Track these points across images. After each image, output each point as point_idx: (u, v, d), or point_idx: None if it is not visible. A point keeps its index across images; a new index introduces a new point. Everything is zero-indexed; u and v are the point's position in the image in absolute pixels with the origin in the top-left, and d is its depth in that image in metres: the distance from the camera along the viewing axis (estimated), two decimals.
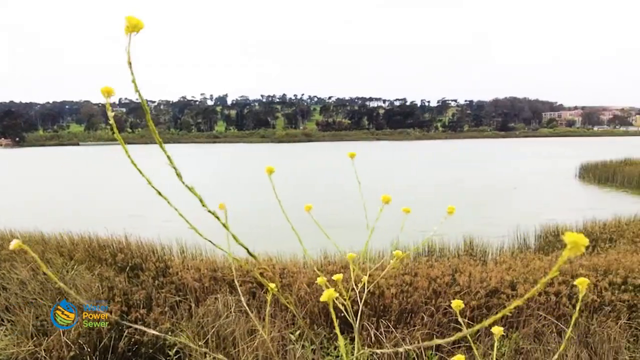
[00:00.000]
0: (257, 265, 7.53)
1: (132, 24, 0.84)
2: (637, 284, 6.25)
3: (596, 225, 12.04)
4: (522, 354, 5.30)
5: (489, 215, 18.25)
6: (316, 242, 2.12)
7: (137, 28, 0.84)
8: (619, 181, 27.38)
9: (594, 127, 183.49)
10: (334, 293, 0.99)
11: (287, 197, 2.11)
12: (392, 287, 6.17)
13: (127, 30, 0.84)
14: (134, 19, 0.85)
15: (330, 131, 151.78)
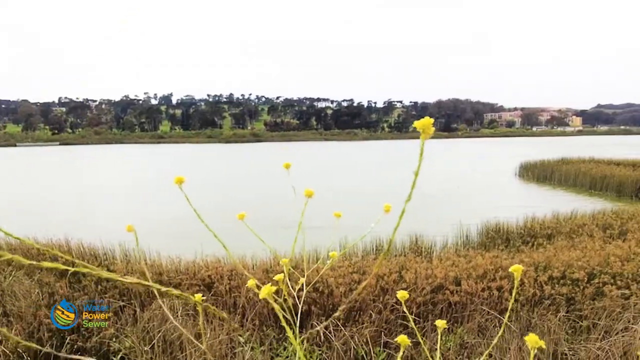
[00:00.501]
0: (205, 267, 7.46)
1: None
2: (574, 278, 6.55)
3: (535, 222, 12.52)
4: (467, 348, 5.46)
5: (434, 213, 18.67)
6: (269, 242, 2.11)
7: None
8: (556, 179, 28.62)
9: (533, 128, 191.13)
10: (272, 288, 1.00)
11: (235, 199, 2.11)
12: (341, 285, 6.23)
13: None
14: None
15: (279, 131, 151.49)
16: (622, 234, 10.36)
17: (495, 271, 6.69)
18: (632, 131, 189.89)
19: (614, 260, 7.08)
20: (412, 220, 15.62)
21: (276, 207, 18.99)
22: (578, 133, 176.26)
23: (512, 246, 10.34)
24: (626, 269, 6.78)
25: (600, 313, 5.91)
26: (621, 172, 24.33)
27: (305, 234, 2.07)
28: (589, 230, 10.87)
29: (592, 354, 5.19)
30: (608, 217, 12.28)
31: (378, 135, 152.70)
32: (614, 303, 6.00)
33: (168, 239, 12.69)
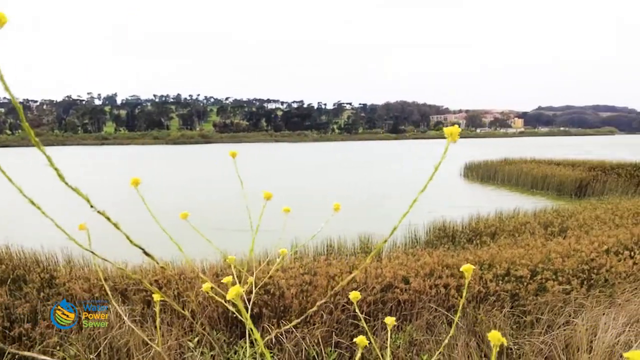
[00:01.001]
0: (152, 271, 7.28)
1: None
2: (518, 275, 6.77)
3: (480, 220, 12.89)
4: (415, 345, 5.54)
5: (382, 213, 18.92)
6: (219, 246, 2.08)
7: (1, 23, 0.75)
8: (499, 179, 29.54)
9: (477, 129, 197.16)
10: (239, 289, 0.98)
11: (183, 201, 2.07)
12: (293, 287, 6.21)
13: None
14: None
15: (228, 132, 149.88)
16: (562, 231, 10.81)
17: (442, 269, 6.83)
18: (571, 132, 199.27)
19: (555, 256, 7.36)
20: (361, 221, 15.82)
21: (226, 210, 18.78)
22: (520, 134, 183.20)
23: (457, 244, 10.59)
24: (567, 265, 7.07)
25: (543, 308, 6.13)
26: (561, 172, 25.36)
27: (257, 236, 2.05)
28: (531, 228, 11.27)
29: (535, 347, 5.37)
30: (549, 215, 12.78)
31: (328, 137, 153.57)
32: (555, 298, 6.24)
33: (114, 243, 12.32)
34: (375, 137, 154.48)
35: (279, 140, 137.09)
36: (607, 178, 23.55)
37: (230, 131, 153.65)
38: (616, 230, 9.72)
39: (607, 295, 6.44)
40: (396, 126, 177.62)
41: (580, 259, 7.37)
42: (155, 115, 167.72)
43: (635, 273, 7.05)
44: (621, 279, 6.86)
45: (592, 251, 7.73)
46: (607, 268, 7.07)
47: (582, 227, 10.85)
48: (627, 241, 8.58)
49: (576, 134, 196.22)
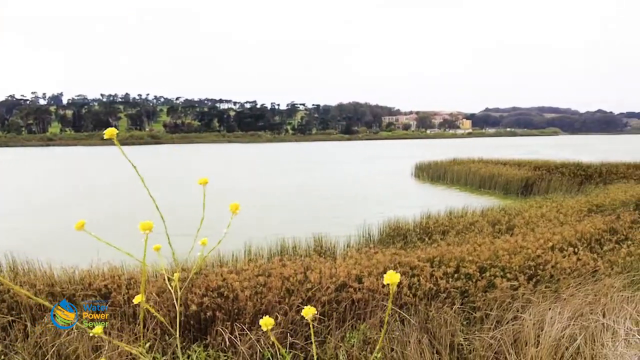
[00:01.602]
0: (101, 276, 7.06)
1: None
2: (467, 272, 6.94)
3: (430, 219, 13.14)
4: (369, 343, 5.59)
5: (337, 213, 19.04)
6: (169, 249, 2.04)
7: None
8: (449, 179, 30.23)
9: (427, 130, 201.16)
10: (142, 298, 0.95)
11: (134, 204, 2.01)
12: (247, 289, 6.15)
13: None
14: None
15: (179, 133, 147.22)
16: (509, 229, 11.14)
17: (395, 267, 6.92)
18: (517, 133, 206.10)
19: (503, 254, 7.58)
20: (317, 221, 15.86)
21: (178, 213, 18.43)
22: (468, 135, 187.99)
23: (409, 243, 10.75)
24: (514, 261, 7.29)
25: (492, 304, 6.30)
26: (508, 172, 26.15)
27: (206, 238, 2.01)
28: (479, 226, 11.57)
29: (485, 343, 5.51)
30: (496, 213, 13.15)
31: (282, 138, 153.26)
32: (504, 294, 6.42)
33: (61, 248, 11.91)
34: (328, 137, 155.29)
35: (232, 141, 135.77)
36: (551, 177, 24.46)
37: (181, 132, 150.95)
38: (561, 228, 10.10)
39: (553, 290, 6.68)
40: (349, 127, 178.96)
41: (527, 255, 7.62)
42: (102, 116, 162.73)
43: (579, 269, 7.35)
44: (566, 275, 7.13)
45: (538, 248, 8.00)
46: (553, 264, 7.34)
47: (528, 224, 11.22)
48: (572, 238, 8.94)
49: (522, 134, 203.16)
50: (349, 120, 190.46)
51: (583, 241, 8.96)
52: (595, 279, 7.07)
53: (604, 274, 7.23)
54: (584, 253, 7.98)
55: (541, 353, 5.03)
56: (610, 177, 23.88)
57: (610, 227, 10.08)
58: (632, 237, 9.33)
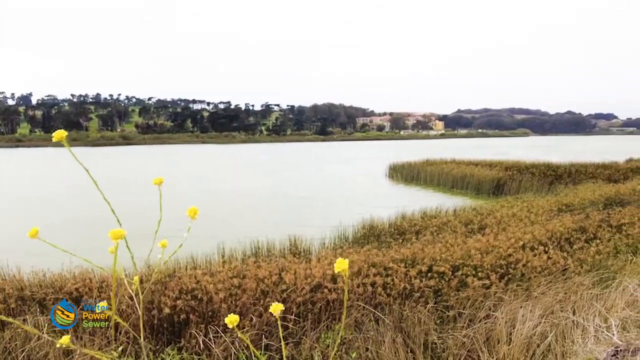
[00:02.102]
0: (72, 279, 6.92)
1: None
2: (440, 271, 7.01)
3: (405, 219, 13.26)
4: (344, 343, 5.60)
5: (311, 214, 19.05)
6: (140, 252, 2.01)
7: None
8: (422, 179, 30.54)
9: (401, 131, 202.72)
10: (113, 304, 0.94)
11: (105, 206, 1.98)
12: (221, 291, 6.11)
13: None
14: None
15: (152, 134, 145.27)
16: (481, 228, 11.29)
17: (369, 267, 6.95)
18: (489, 134, 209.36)
19: (475, 253, 7.69)
20: (293, 223, 15.82)
21: (150, 216, 18.21)
22: (441, 136, 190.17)
23: (383, 243, 10.81)
24: (486, 261, 7.39)
25: (464, 303, 6.38)
26: (480, 172, 26.54)
27: (177, 241, 1.98)
28: (452, 226, 11.71)
29: (458, 341, 5.57)
30: (469, 213, 13.34)
31: (257, 139, 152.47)
32: (476, 293, 6.51)
33: (31, 251, 11.65)
34: (303, 138, 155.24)
35: (205, 142, 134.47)
36: (522, 177, 24.91)
37: (153, 132, 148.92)
38: (531, 227, 10.28)
39: (524, 288, 6.79)
40: (324, 128, 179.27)
41: (499, 254, 7.73)
42: (73, 116, 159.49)
43: (550, 267, 7.49)
44: (537, 273, 7.26)
45: (509, 247, 8.13)
46: (524, 263, 7.46)
47: (500, 224, 11.39)
48: (542, 237, 9.11)
49: (493, 135, 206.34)
50: (324, 121, 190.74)
51: (553, 240, 9.14)
52: (565, 277, 7.22)
53: (573, 272, 7.39)
54: (554, 252, 8.14)
55: (513, 351, 5.11)
56: (579, 177, 24.45)
57: (580, 226, 10.30)
58: (601, 236, 9.55)
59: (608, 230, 9.91)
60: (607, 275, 7.23)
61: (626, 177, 23.02)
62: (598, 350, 3.84)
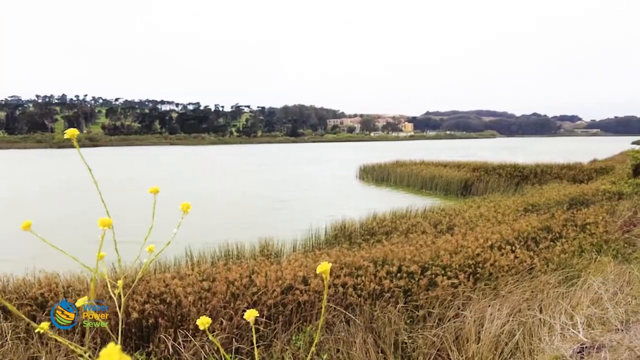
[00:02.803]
0: (37, 284, 6.74)
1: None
2: (409, 271, 7.06)
3: (375, 220, 13.32)
4: (316, 345, 5.59)
5: (283, 217, 18.98)
6: (107, 256, 1.96)
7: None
8: (392, 181, 30.76)
9: (371, 133, 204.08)
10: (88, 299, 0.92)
11: (69, 210, 1.93)
12: (190, 294, 6.03)
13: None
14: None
15: (119, 135, 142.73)
16: (450, 228, 11.44)
17: (340, 268, 6.96)
18: (457, 135, 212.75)
19: (444, 253, 7.78)
20: (261, 225, 15.72)
21: (117, 219, 17.85)
22: (410, 138, 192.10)
23: (354, 244, 10.85)
24: (454, 260, 7.49)
25: (434, 302, 6.44)
26: (448, 173, 26.87)
27: (143, 245, 1.94)
28: (421, 226, 11.82)
29: (428, 340, 5.62)
30: (437, 214, 13.48)
31: (226, 140, 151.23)
32: (445, 292, 6.58)
33: None
34: (274, 140, 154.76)
35: (174, 143, 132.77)
36: (489, 178, 25.34)
37: (121, 134, 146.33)
38: (499, 227, 10.46)
39: (492, 288, 6.90)
40: (295, 129, 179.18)
41: (467, 254, 7.84)
42: (38, 117, 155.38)
43: (517, 266, 7.63)
44: (504, 272, 7.39)
45: (477, 247, 8.26)
46: (491, 262, 7.59)
47: (468, 224, 11.56)
48: (509, 236, 9.27)
49: (461, 137, 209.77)
50: (295, 122, 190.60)
51: (520, 239, 9.31)
52: (532, 276, 7.36)
53: (540, 271, 7.54)
54: (521, 251, 8.30)
55: (482, 349, 5.18)
56: (545, 177, 25.03)
57: (545, 225, 10.52)
58: (566, 235, 9.77)
59: (573, 230, 10.15)
60: (572, 274, 7.39)
61: (590, 178, 23.65)
62: (564, 348, 3.92)
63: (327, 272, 1.18)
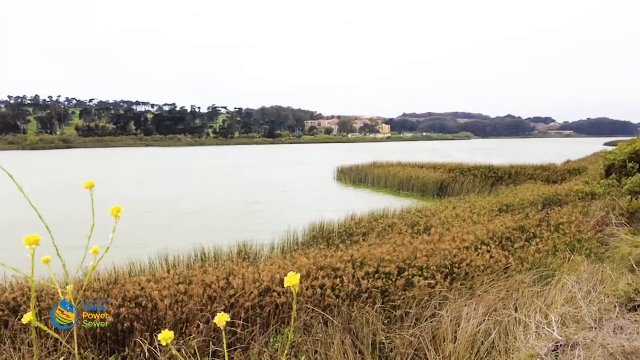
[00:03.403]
0: (9, 289, 6.58)
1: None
2: (387, 272, 7.09)
3: (353, 221, 13.36)
4: (294, 347, 5.58)
5: (261, 219, 18.90)
6: (76, 260, 1.93)
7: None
8: (370, 182, 30.93)
9: (349, 135, 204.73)
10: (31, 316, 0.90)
11: (38, 214, 1.88)
12: (166, 298, 5.96)
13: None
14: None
15: (93, 137, 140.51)
16: (427, 229, 11.52)
17: (318, 270, 6.96)
18: (433, 137, 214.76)
19: (421, 254, 7.83)
20: (239, 228, 15.63)
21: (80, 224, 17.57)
22: (387, 139, 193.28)
23: (332, 245, 10.86)
24: (431, 261, 7.54)
25: (411, 302, 6.48)
26: (424, 174, 27.10)
27: (115, 250, 1.91)
28: (398, 227, 11.89)
29: (406, 340, 5.65)
30: (415, 215, 13.57)
31: (203, 141, 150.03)
32: (422, 292, 6.62)
33: None
34: (251, 141, 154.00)
35: (150, 145, 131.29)
36: (465, 179, 25.63)
37: (95, 135, 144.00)
38: (474, 227, 10.57)
39: (468, 287, 6.97)
40: (272, 131, 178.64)
41: (444, 255, 7.91)
42: (10, 119, 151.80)
43: (492, 266, 7.72)
44: (480, 272, 7.47)
45: (453, 248, 8.33)
46: (468, 262, 7.66)
47: (444, 225, 11.65)
48: (484, 237, 9.38)
49: (437, 138, 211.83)
50: (272, 124, 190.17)
51: (495, 240, 9.42)
52: (507, 275, 7.45)
53: (515, 271, 7.64)
54: (497, 251, 8.39)
55: (459, 349, 5.23)
56: (519, 178, 25.43)
57: (520, 225, 10.67)
58: (540, 235, 9.91)
59: (547, 230, 10.30)
60: (547, 273, 7.51)
61: (564, 179, 24.08)
62: (539, 346, 3.98)
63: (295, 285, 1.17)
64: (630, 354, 3.37)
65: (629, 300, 4.45)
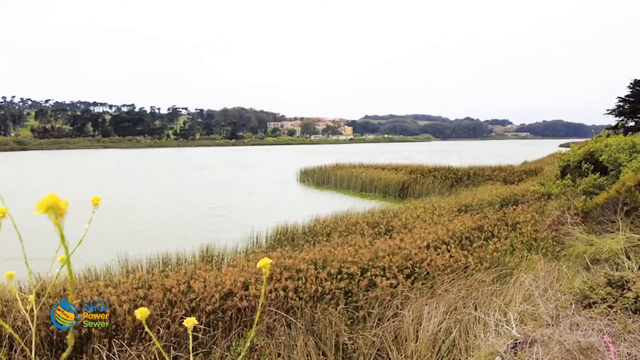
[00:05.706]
0: None
1: None
2: (349, 273, 7.13)
3: (317, 222, 13.39)
4: (256, 350, 5.54)
5: (223, 222, 18.72)
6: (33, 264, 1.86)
7: None
8: (332, 183, 31.06)
9: (312, 136, 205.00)
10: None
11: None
12: (125, 303, 5.83)
13: None
14: None
15: (49, 138, 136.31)
16: (388, 230, 11.64)
17: (281, 272, 6.94)
18: (394, 139, 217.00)
19: (383, 255, 7.90)
20: (202, 230, 15.44)
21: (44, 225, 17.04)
22: (350, 141, 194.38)
23: (296, 246, 10.85)
24: (393, 261, 7.62)
25: (373, 302, 6.53)
26: (386, 175, 27.40)
27: (73, 260, 1.86)
28: (361, 228, 11.97)
29: (368, 340, 5.68)
30: (376, 216, 13.69)
31: (163, 143, 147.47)
32: (384, 292, 6.68)
33: None
34: (213, 143, 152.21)
35: (107, 147, 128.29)
36: (425, 180, 26.05)
37: (51, 137, 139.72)
38: (435, 227, 10.74)
39: (429, 287, 7.07)
40: (234, 132, 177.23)
41: (405, 255, 8.00)
42: None
43: (452, 265, 7.86)
44: (440, 271, 7.59)
45: (414, 247, 8.44)
46: (428, 262, 7.78)
47: (406, 225, 11.80)
48: (444, 236, 9.54)
49: (398, 140, 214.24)
50: (234, 125, 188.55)
51: (455, 239, 9.60)
52: (466, 274, 7.60)
53: (474, 270, 7.79)
54: (456, 250, 8.55)
55: (420, 347, 5.29)
56: (477, 179, 25.98)
57: (479, 225, 10.90)
58: (498, 234, 10.15)
59: (504, 229, 10.56)
60: (505, 272, 7.69)
61: (520, 179, 24.76)
62: (499, 344, 4.06)
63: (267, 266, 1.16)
64: (586, 349, 3.48)
65: (584, 297, 4.59)
